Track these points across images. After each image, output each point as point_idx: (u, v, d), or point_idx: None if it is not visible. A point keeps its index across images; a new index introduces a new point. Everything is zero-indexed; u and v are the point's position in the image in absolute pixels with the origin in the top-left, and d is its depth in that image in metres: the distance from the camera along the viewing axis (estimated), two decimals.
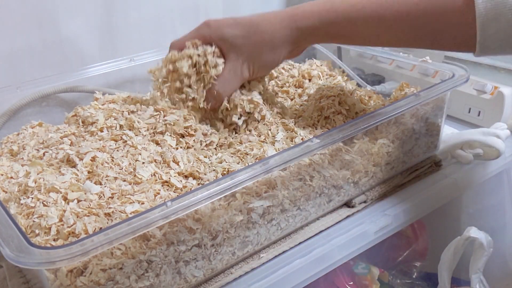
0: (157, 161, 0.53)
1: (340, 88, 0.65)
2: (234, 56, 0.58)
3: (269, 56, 0.58)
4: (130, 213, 0.44)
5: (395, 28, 0.53)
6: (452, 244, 0.64)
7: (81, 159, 0.52)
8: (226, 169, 0.51)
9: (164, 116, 0.58)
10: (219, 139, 0.58)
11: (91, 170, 0.51)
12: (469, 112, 0.79)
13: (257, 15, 0.58)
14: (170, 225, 0.44)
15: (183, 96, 0.60)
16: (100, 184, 0.49)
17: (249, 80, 0.61)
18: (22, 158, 0.57)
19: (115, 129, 0.58)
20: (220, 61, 0.59)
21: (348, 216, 0.59)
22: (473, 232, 0.62)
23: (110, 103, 0.66)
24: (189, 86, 0.59)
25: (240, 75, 0.59)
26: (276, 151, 0.53)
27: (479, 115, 0.77)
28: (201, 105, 0.59)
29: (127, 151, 0.54)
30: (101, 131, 0.59)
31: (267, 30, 0.57)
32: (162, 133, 0.58)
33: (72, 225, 0.43)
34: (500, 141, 0.67)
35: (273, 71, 0.77)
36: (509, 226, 0.79)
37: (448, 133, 0.73)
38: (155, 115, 0.59)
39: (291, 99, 0.71)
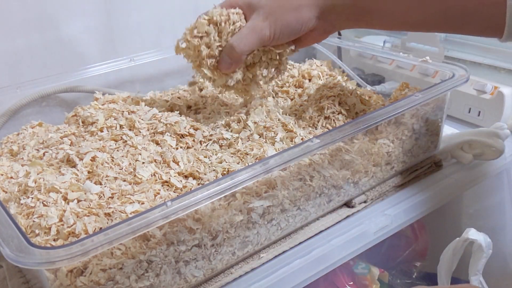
0: (157, 161, 0.53)
1: (340, 88, 0.65)
2: (255, 15, 0.56)
3: (292, 15, 0.56)
4: (130, 213, 0.44)
5: (425, 6, 0.52)
6: (451, 245, 0.63)
7: (81, 159, 0.52)
8: (226, 169, 0.51)
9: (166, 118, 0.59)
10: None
11: (91, 170, 0.51)
12: (469, 112, 0.79)
13: None
14: (170, 225, 0.44)
15: (210, 60, 0.58)
16: (100, 184, 0.49)
17: (271, 44, 0.59)
18: (22, 158, 0.57)
19: (115, 129, 0.58)
20: (241, 18, 0.58)
21: (348, 216, 0.59)
22: (472, 234, 0.62)
23: (110, 103, 0.66)
24: (209, 46, 0.58)
25: (259, 32, 0.56)
26: (276, 151, 0.53)
27: (479, 115, 0.77)
28: (207, 62, 0.58)
29: (127, 151, 0.54)
30: (101, 131, 0.59)
31: None
32: (162, 133, 0.58)
33: (72, 225, 0.43)
34: (500, 141, 0.67)
35: None
36: (509, 226, 0.79)
37: (448, 133, 0.73)
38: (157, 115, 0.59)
39: (291, 99, 0.71)
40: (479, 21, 0.50)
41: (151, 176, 0.50)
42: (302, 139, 0.56)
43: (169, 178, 0.50)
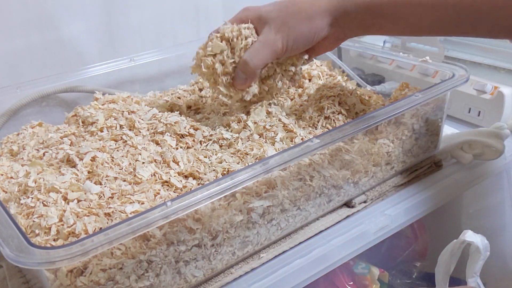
0: (157, 161, 0.53)
1: (340, 88, 0.65)
2: (267, 29, 0.56)
3: (304, 26, 0.55)
4: (130, 213, 0.44)
5: (438, 9, 0.52)
6: (448, 247, 0.63)
7: (81, 159, 0.52)
8: (226, 169, 0.51)
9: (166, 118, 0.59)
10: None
11: (91, 170, 0.51)
12: (469, 112, 0.79)
13: None
14: (170, 225, 0.44)
15: (226, 77, 0.58)
16: (100, 184, 0.49)
17: (285, 56, 0.59)
18: (22, 158, 0.57)
19: (115, 129, 0.58)
20: (253, 33, 0.57)
21: (348, 216, 0.59)
22: (469, 236, 0.62)
23: (110, 103, 0.66)
24: (223, 64, 0.58)
25: (272, 45, 0.55)
26: (276, 151, 0.53)
27: (479, 115, 0.77)
28: (223, 80, 0.58)
29: (127, 151, 0.54)
30: (101, 131, 0.59)
31: (305, 0, 0.55)
32: (162, 133, 0.58)
33: (72, 225, 0.43)
34: (500, 141, 0.67)
35: None
36: (509, 227, 0.79)
37: (448, 133, 0.73)
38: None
39: (291, 99, 0.71)
40: (491, 23, 0.50)
41: (151, 176, 0.50)
42: (302, 139, 0.56)
43: (169, 178, 0.50)
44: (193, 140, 0.58)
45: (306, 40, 0.56)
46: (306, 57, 0.62)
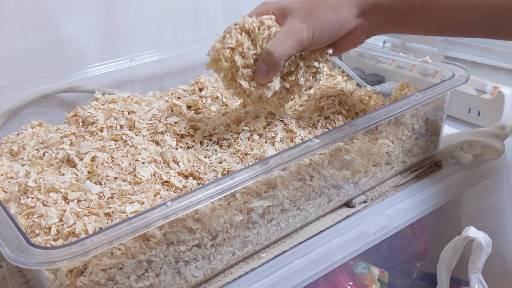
0: (157, 161, 0.53)
1: (340, 88, 0.65)
2: (290, 18, 0.52)
3: (331, 14, 0.51)
4: (130, 213, 0.44)
5: (468, 5, 0.50)
6: (450, 244, 0.63)
7: (81, 159, 0.52)
8: (226, 169, 0.51)
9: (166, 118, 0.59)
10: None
11: (91, 170, 0.51)
12: (469, 112, 0.79)
13: None
14: (170, 225, 0.44)
15: (246, 70, 0.53)
16: (100, 184, 0.49)
17: (310, 48, 0.54)
18: (22, 158, 0.57)
19: (115, 129, 0.59)
20: (275, 24, 0.54)
21: (348, 216, 0.59)
22: (472, 232, 0.62)
23: (110, 103, 0.66)
24: (243, 56, 0.53)
25: (297, 34, 0.51)
26: (276, 151, 0.53)
27: (479, 115, 0.77)
28: (243, 73, 0.53)
29: (127, 151, 0.54)
30: (101, 131, 0.59)
31: None
32: (162, 133, 0.58)
33: (72, 225, 0.43)
34: (500, 141, 0.67)
35: None
36: (509, 226, 0.79)
37: (448, 133, 0.73)
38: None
39: (291, 99, 0.71)
40: None
41: (151, 176, 0.50)
42: (302, 139, 0.56)
43: (169, 178, 0.50)
44: (193, 140, 0.58)
45: (332, 30, 0.52)
46: (330, 51, 0.57)
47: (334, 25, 0.52)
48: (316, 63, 0.56)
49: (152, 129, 0.59)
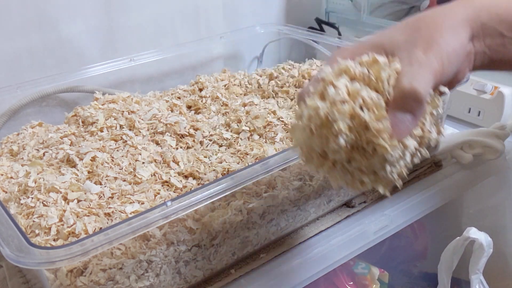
0: (157, 161, 0.53)
1: None
2: (405, 53, 0.38)
3: (451, 38, 0.39)
4: (130, 213, 0.44)
5: None
6: (451, 244, 0.63)
7: (81, 159, 0.52)
8: (226, 169, 0.51)
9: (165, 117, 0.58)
10: None
11: (91, 170, 0.51)
12: (469, 112, 0.79)
13: None
14: (170, 225, 0.44)
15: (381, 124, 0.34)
16: (100, 184, 0.49)
17: (441, 82, 0.39)
18: (22, 158, 0.57)
19: (115, 129, 0.59)
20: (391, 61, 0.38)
21: (348, 216, 0.59)
22: (473, 232, 0.62)
23: (110, 103, 0.66)
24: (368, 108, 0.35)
25: (428, 65, 0.37)
26: (276, 151, 0.53)
27: (479, 115, 0.77)
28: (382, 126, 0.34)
29: (127, 151, 0.54)
30: (101, 131, 0.59)
31: (435, 11, 0.41)
32: (162, 133, 0.58)
33: (72, 225, 0.43)
34: (500, 141, 0.67)
35: (272, 70, 0.77)
36: (510, 226, 0.79)
37: (448, 133, 0.73)
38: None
39: (291, 99, 0.71)
40: None
41: (151, 176, 0.50)
42: None
43: (169, 178, 0.50)
44: (193, 140, 0.58)
45: (459, 57, 0.40)
46: (446, 90, 0.40)
47: (459, 51, 0.39)
48: (439, 109, 0.40)
49: (152, 129, 0.59)
